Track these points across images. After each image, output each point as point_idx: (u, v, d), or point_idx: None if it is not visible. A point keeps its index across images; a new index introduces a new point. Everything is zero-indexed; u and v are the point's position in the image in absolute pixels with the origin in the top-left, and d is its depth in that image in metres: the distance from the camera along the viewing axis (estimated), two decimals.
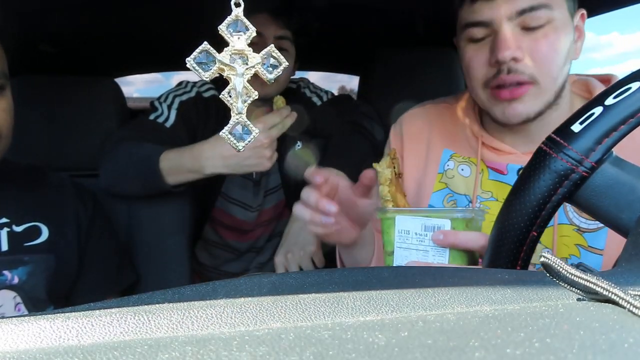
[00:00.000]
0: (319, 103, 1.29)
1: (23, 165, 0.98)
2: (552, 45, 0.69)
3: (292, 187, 1.29)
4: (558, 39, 0.69)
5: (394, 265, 0.64)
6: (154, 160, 0.99)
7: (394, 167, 0.66)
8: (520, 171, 0.64)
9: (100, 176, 1.09)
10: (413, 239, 0.63)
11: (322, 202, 0.67)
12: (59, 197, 0.96)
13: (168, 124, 1.14)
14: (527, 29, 0.69)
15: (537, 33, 0.69)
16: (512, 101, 0.71)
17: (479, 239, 0.60)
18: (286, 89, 1.22)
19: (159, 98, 1.18)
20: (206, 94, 1.20)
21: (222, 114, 1.19)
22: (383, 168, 0.64)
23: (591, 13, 1.09)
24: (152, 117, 1.14)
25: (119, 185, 1.09)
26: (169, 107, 1.15)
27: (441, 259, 0.61)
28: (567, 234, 0.73)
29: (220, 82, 0.38)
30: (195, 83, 1.22)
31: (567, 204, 0.42)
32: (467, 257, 0.62)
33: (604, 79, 0.79)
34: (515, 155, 0.77)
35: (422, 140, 0.88)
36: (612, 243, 0.70)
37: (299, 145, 1.25)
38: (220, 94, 0.36)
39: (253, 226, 1.32)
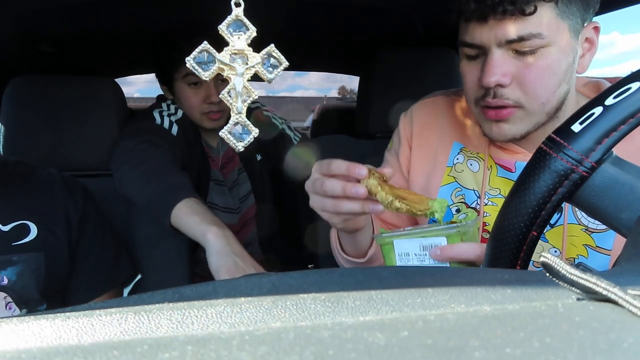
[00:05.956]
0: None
1: (10, 162, 0.95)
2: (542, 71, 0.67)
3: (260, 192, 1.49)
4: (551, 64, 0.67)
5: None
6: (172, 199, 0.99)
7: (374, 174, 0.64)
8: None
9: (114, 175, 1.11)
10: (414, 259, 0.65)
11: (353, 168, 0.62)
12: (48, 193, 0.92)
13: (174, 132, 1.23)
14: (519, 52, 0.67)
15: (529, 58, 0.67)
16: (498, 121, 0.72)
17: (474, 249, 0.61)
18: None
19: (152, 110, 1.27)
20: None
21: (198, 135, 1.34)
22: (365, 182, 0.63)
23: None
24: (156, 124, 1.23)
25: (129, 191, 1.08)
26: (169, 120, 1.25)
27: None
28: (576, 234, 0.73)
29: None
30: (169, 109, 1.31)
31: None
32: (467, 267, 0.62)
33: (614, 80, 0.79)
34: (524, 154, 0.77)
35: (432, 131, 0.88)
36: (621, 243, 0.70)
37: (259, 157, 1.47)
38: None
39: (239, 227, 1.46)
